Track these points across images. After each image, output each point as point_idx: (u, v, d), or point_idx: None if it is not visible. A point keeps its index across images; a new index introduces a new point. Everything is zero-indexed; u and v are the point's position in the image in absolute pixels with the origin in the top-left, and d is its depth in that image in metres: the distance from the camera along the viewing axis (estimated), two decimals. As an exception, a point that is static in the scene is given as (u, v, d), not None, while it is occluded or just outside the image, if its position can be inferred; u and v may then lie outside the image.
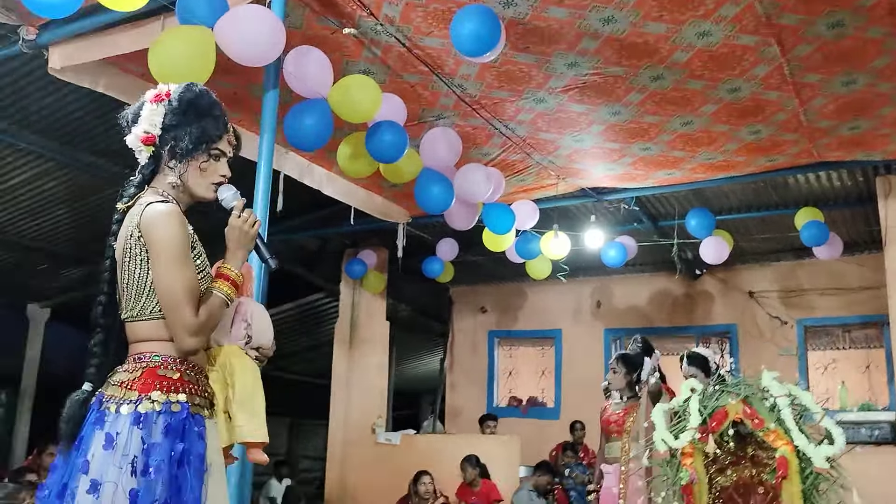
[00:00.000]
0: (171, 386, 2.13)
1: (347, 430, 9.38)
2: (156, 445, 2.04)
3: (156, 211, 2.18)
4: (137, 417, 2.06)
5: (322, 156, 6.04)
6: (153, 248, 2.15)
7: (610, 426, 5.18)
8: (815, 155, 6.13)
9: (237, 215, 2.30)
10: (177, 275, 2.14)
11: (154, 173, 2.31)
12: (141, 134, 2.26)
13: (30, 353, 10.02)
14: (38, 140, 6.24)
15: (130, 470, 2.00)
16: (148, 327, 2.18)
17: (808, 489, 3.61)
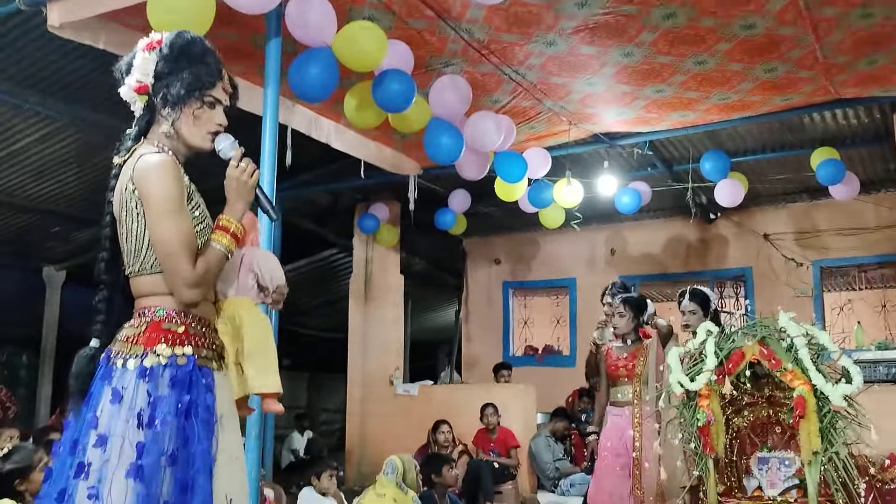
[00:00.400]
0: (177, 339, 2.12)
1: (365, 382, 9.46)
2: (162, 398, 2.04)
3: (147, 162, 2.14)
4: (143, 371, 2.05)
5: (329, 108, 5.97)
6: (146, 200, 2.12)
7: (618, 370, 5.12)
8: (831, 92, 6.00)
9: (235, 165, 2.25)
10: (171, 226, 2.10)
11: (149, 124, 2.27)
12: (134, 83, 2.22)
13: (48, 315, 10.14)
14: (42, 100, 6.20)
15: (136, 423, 2.00)
16: (150, 282, 2.17)
17: (825, 428, 3.59)
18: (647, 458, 4.77)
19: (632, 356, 5.10)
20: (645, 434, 4.86)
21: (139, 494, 1.94)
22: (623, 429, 5.00)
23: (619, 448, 4.98)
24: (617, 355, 5.16)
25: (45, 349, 10.14)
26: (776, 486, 3.84)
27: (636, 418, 4.95)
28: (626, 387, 5.09)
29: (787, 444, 3.92)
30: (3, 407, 8.40)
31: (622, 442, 4.97)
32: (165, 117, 2.25)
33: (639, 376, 5.03)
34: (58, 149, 7.03)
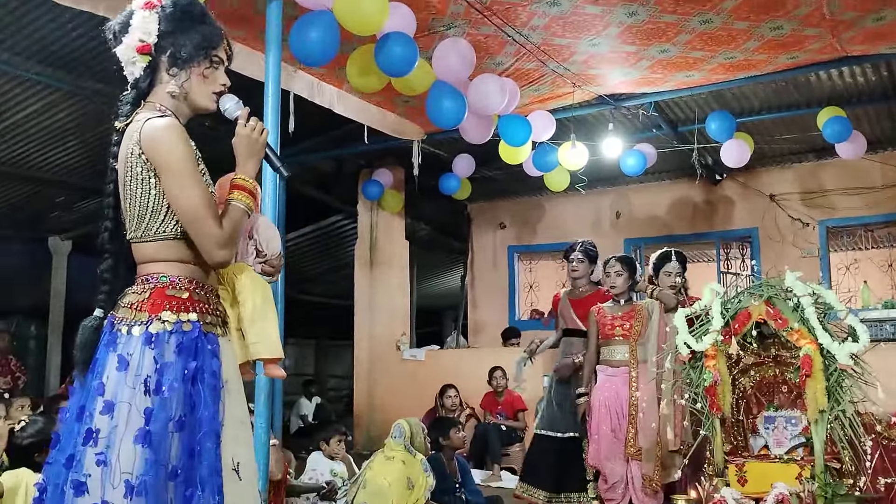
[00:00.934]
0: (181, 305, 2.11)
1: (373, 348, 9.51)
2: (168, 364, 2.04)
3: (156, 127, 2.10)
4: (149, 338, 2.05)
5: (331, 73, 5.93)
6: (162, 165, 2.09)
7: (614, 330, 5.06)
8: (838, 49, 5.93)
9: (244, 124, 2.24)
10: (194, 189, 2.09)
11: (151, 86, 2.22)
12: (136, 43, 2.16)
13: (55, 285, 10.21)
14: (43, 70, 6.18)
15: (143, 389, 2.00)
16: (154, 248, 2.15)
17: (831, 386, 3.61)
18: (649, 419, 4.74)
19: (628, 316, 5.06)
20: (644, 395, 4.83)
21: (147, 460, 1.94)
22: (619, 389, 4.96)
23: (615, 408, 4.94)
24: (612, 315, 5.11)
25: (53, 319, 10.21)
26: (782, 444, 3.88)
27: (634, 379, 4.91)
28: (620, 346, 5.03)
29: (793, 403, 3.95)
30: (14, 377, 8.50)
31: (618, 402, 4.93)
32: (173, 77, 2.21)
33: (636, 337, 4.99)
34: (61, 118, 7.01)
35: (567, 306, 5.69)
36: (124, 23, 2.20)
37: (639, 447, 4.78)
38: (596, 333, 5.14)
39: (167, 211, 2.13)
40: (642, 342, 4.97)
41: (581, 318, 5.51)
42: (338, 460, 5.65)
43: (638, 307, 5.10)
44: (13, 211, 9.06)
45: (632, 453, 4.81)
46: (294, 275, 11.07)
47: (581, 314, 5.51)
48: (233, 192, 2.20)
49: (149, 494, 1.92)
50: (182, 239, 2.16)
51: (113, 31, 2.23)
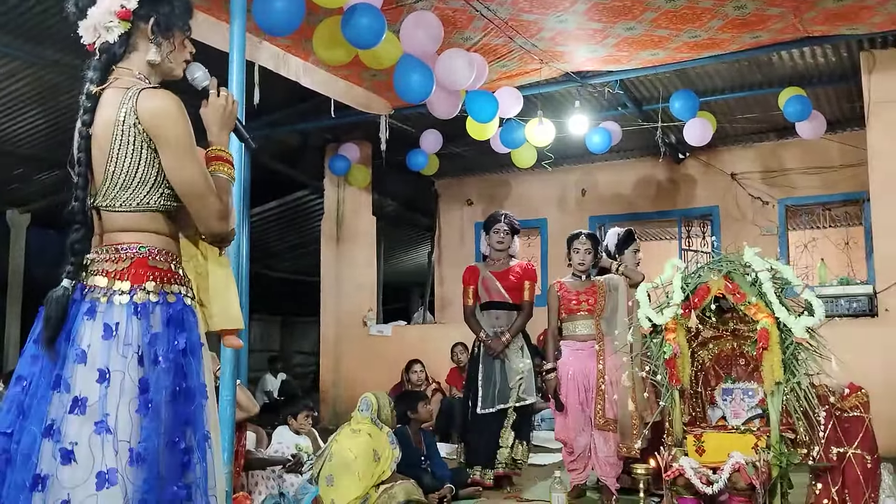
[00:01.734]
0: (164, 277, 2.12)
1: (339, 324, 9.52)
2: (158, 335, 2.05)
3: (162, 100, 2.09)
4: (135, 307, 2.05)
5: (298, 44, 5.87)
6: (166, 139, 2.08)
7: (579, 305, 5.11)
8: (800, 30, 6.02)
9: (216, 94, 2.24)
10: (196, 165, 2.12)
11: (124, 53, 2.18)
12: (116, 7, 2.11)
13: (13, 258, 10.05)
14: (1, 38, 6.03)
15: (137, 359, 2.01)
16: (132, 218, 2.13)
17: (787, 359, 3.70)
18: (615, 390, 4.85)
19: (591, 291, 5.12)
20: (610, 367, 4.93)
21: (144, 428, 1.96)
22: (585, 363, 5.03)
23: (581, 382, 5.02)
24: (576, 290, 5.15)
25: (11, 292, 10.06)
26: (740, 416, 3.97)
27: (600, 352, 5.00)
28: (585, 321, 5.10)
29: (750, 375, 4.04)
30: (-27, 351, 8.37)
31: (584, 376, 5.01)
32: (156, 45, 2.19)
33: (599, 312, 5.06)
34: (19, 87, 6.86)
35: (491, 279, 5.60)
36: None
37: (607, 419, 4.88)
38: (557, 308, 5.18)
39: (154, 182, 2.12)
40: (605, 317, 5.05)
41: (508, 289, 5.53)
42: (303, 434, 5.67)
43: (598, 282, 5.17)
44: (-30, 183, 8.89)
45: (600, 424, 4.90)
46: (259, 250, 11.02)
47: (507, 286, 5.53)
48: (214, 163, 2.20)
49: (150, 461, 1.95)
50: (162, 212, 2.16)
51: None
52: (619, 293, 5.08)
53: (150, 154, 2.10)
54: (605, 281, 5.16)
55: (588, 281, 5.19)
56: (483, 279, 5.65)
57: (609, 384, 4.92)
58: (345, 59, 5.14)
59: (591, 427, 4.96)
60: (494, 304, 5.57)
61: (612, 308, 5.04)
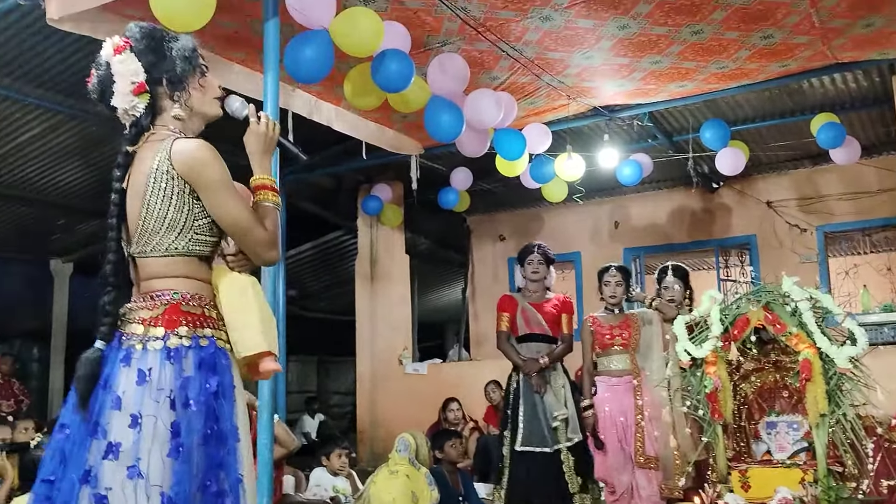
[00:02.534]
0: (196, 321, 2.15)
1: (375, 363, 9.53)
2: (190, 379, 2.07)
3: (195, 146, 2.16)
4: (168, 353, 2.08)
5: (329, 91, 5.99)
6: (204, 183, 2.14)
7: (613, 339, 5.06)
8: (829, 57, 5.99)
9: (256, 121, 2.30)
10: (237, 202, 2.18)
11: (153, 119, 2.24)
12: (129, 87, 2.18)
13: (57, 307, 10.23)
14: (43, 94, 6.24)
15: (169, 403, 2.03)
16: (164, 264, 2.18)
17: (832, 390, 3.64)
18: (654, 427, 4.78)
19: (624, 325, 5.08)
20: (648, 403, 4.87)
21: (176, 472, 1.98)
22: (622, 399, 4.97)
23: (619, 418, 4.96)
24: (609, 325, 5.11)
25: (55, 341, 10.23)
26: (785, 449, 3.90)
27: (637, 387, 4.95)
28: (620, 356, 5.05)
29: (794, 407, 3.97)
30: (17, 400, 8.52)
31: (622, 412, 4.94)
32: (175, 100, 2.25)
33: (635, 346, 5.02)
34: (61, 141, 7.07)
35: (531, 310, 5.33)
36: (105, 76, 2.21)
37: (648, 456, 4.81)
38: (591, 343, 5.13)
39: (183, 228, 2.16)
40: (641, 351, 5.02)
41: (548, 322, 5.26)
42: (341, 476, 5.66)
43: (632, 316, 5.13)
44: (15, 234, 9.10)
45: (641, 463, 4.82)
46: (295, 291, 11.11)
47: (546, 319, 5.26)
48: (260, 192, 2.26)
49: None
50: (193, 256, 2.20)
51: (97, 89, 2.24)
52: (653, 327, 5.04)
53: (180, 200, 2.15)
54: (640, 315, 5.12)
55: (622, 315, 5.15)
56: (522, 310, 5.41)
57: (648, 420, 4.85)
58: (375, 103, 5.22)
59: (632, 465, 4.87)
60: (534, 336, 5.26)
61: (648, 342, 5.01)
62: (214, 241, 2.24)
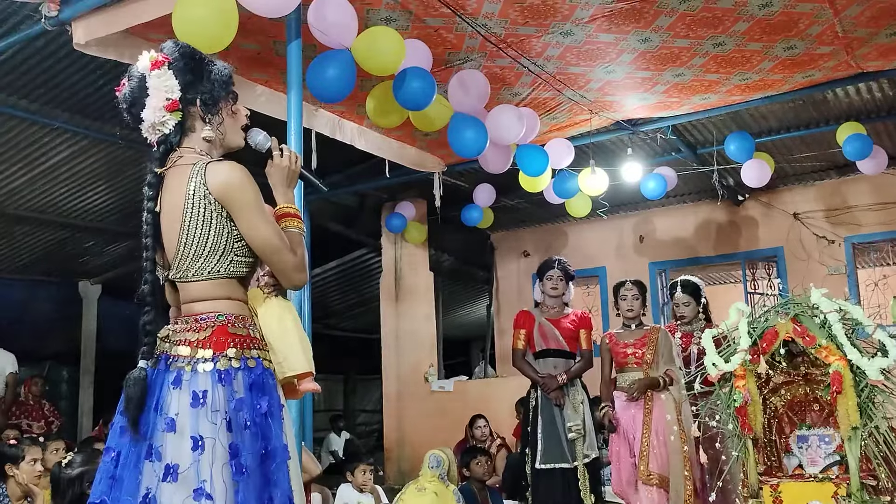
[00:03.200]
0: (243, 343, 2.18)
1: (401, 381, 9.52)
2: (242, 400, 2.10)
3: (230, 168, 2.19)
4: (219, 374, 2.10)
5: (352, 110, 6.03)
6: (239, 205, 2.17)
7: (627, 357, 5.05)
8: (853, 66, 5.94)
9: (280, 155, 2.33)
10: (269, 225, 2.21)
11: (181, 138, 2.27)
12: (162, 103, 2.20)
13: (86, 329, 10.34)
14: (70, 118, 6.34)
15: (226, 425, 2.06)
16: (206, 287, 2.21)
17: (863, 402, 3.57)
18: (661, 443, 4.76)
19: (640, 343, 5.05)
20: (658, 420, 4.85)
21: (240, 491, 2.01)
22: (635, 415, 4.94)
23: (632, 434, 4.94)
24: (624, 342, 5.09)
25: (84, 363, 10.34)
26: (817, 463, 3.83)
27: (648, 403, 4.91)
28: (634, 373, 5.02)
29: (825, 420, 3.90)
30: (48, 421, 8.58)
31: (636, 428, 4.92)
32: (208, 122, 2.28)
33: (648, 363, 4.98)
34: (88, 165, 7.17)
35: (549, 325, 5.37)
36: (140, 87, 2.23)
37: (651, 472, 4.78)
38: (610, 361, 5.13)
39: (224, 250, 2.19)
40: (655, 367, 4.98)
41: (565, 338, 5.30)
42: (366, 492, 5.66)
43: (650, 331, 5.09)
44: (44, 256, 9.24)
45: (644, 478, 4.78)
46: (320, 310, 11.14)
47: (564, 334, 5.30)
48: (284, 220, 2.29)
49: None
50: (234, 278, 2.23)
51: (128, 99, 2.25)
52: (674, 343, 5.02)
53: (219, 223, 2.17)
54: (659, 329, 5.10)
55: (639, 330, 5.11)
56: (539, 325, 5.43)
57: (656, 436, 4.82)
58: (397, 121, 5.25)
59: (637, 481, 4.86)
60: (552, 352, 5.31)
61: (668, 358, 4.96)
62: (252, 261, 2.27)
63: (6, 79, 5.68)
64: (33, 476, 4.64)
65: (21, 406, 8.52)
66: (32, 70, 5.62)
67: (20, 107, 6.07)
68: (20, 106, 6.06)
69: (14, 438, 5.68)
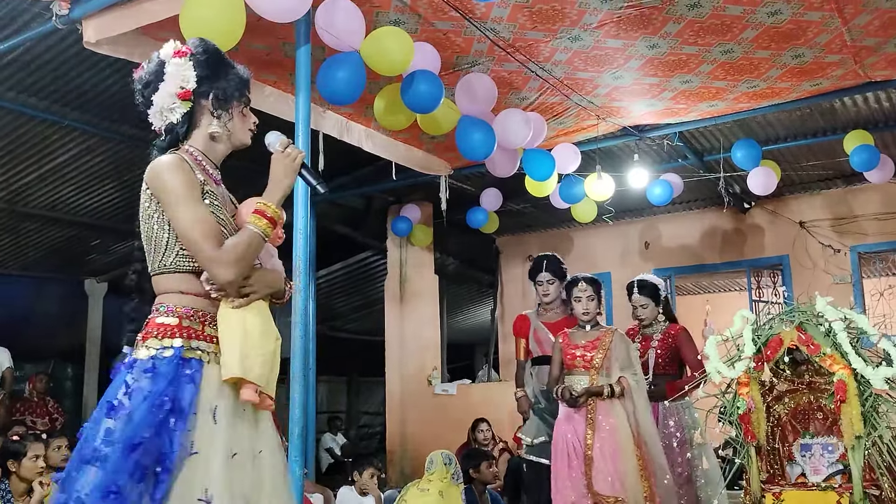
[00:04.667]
0: (167, 331, 2.17)
1: (404, 383, 9.53)
2: (137, 389, 2.09)
3: (158, 163, 2.22)
4: (131, 364, 2.15)
5: (360, 112, 6.05)
6: (163, 196, 2.18)
7: (574, 360, 4.59)
8: (861, 75, 5.94)
9: (280, 150, 2.33)
10: (189, 214, 2.16)
11: (188, 130, 2.31)
12: (175, 90, 2.24)
13: (91, 326, 10.37)
14: (79, 116, 6.37)
15: (108, 408, 2.07)
16: (165, 280, 2.24)
17: (867, 411, 3.58)
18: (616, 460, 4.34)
19: (591, 345, 4.61)
20: (602, 433, 4.41)
21: (100, 479, 1.98)
22: (577, 426, 4.48)
23: (573, 445, 4.47)
24: (575, 343, 4.66)
25: (89, 360, 10.37)
26: (820, 472, 3.83)
27: (591, 414, 4.47)
28: (581, 377, 4.57)
29: (829, 429, 3.90)
30: (52, 418, 8.61)
31: (576, 439, 4.46)
32: (217, 117, 2.32)
33: (597, 368, 4.54)
34: (97, 163, 7.20)
35: (544, 330, 5.18)
36: (157, 71, 2.27)
37: (600, 495, 4.31)
38: (560, 362, 4.70)
39: (166, 245, 2.21)
40: (605, 373, 4.55)
41: None
42: (368, 495, 5.65)
43: (604, 334, 4.67)
44: (51, 254, 9.27)
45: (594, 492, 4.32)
46: (325, 312, 11.16)
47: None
48: (253, 216, 2.24)
49: None
50: (183, 272, 2.23)
51: (144, 80, 2.30)
52: (632, 347, 4.70)
53: (160, 218, 2.21)
54: (616, 332, 4.72)
55: (594, 331, 4.68)
56: (535, 331, 5.25)
57: (600, 452, 4.38)
58: (404, 124, 5.26)
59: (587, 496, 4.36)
60: (548, 358, 4.99)
61: (625, 364, 4.57)
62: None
63: (16, 76, 5.71)
64: (35, 472, 4.65)
65: (25, 403, 8.56)
66: (42, 68, 5.65)
67: (30, 104, 6.10)
68: (30, 104, 6.09)
69: (18, 435, 5.71)
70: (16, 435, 5.79)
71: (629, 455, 4.28)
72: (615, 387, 4.47)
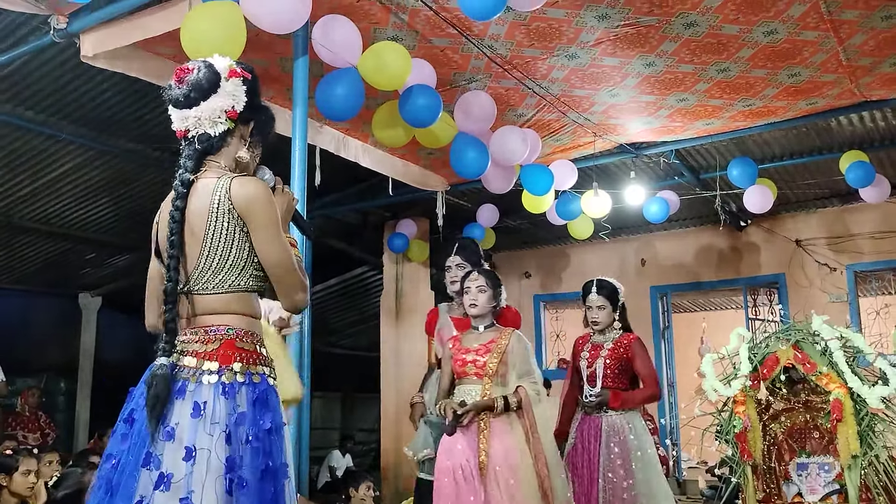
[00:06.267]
0: (250, 358, 2.19)
1: (399, 400, 9.46)
2: (245, 415, 2.10)
3: (255, 184, 2.24)
4: (223, 387, 2.11)
5: (357, 127, 6.05)
6: (259, 222, 2.20)
7: (465, 366, 3.84)
8: (857, 95, 5.97)
9: (281, 190, 2.38)
10: (284, 244, 2.25)
11: (220, 148, 2.32)
12: (227, 107, 2.26)
13: (84, 341, 10.32)
14: (76, 130, 6.36)
15: (225, 438, 2.05)
16: (222, 300, 2.22)
17: (863, 431, 3.57)
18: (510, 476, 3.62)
19: (485, 349, 3.84)
20: (500, 449, 3.68)
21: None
22: (468, 440, 3.70)
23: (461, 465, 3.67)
24: (467, 347, 3.89)
25: (82, 375, 10.31)
26: (816, 491, 3.82)
27: (483, 431, 3.70)
28: (473, 386, 3.80)
29: (825, 448, 3.89)
30: (43, 433, 8.55)
31: (465, 459, 3.67)
32: (252, 145, 2.37)
33: (490, 375, 3.77)
34: (93, 176, 7.18)
35: (449, 326, 4.33)
36: (213, 81, 2.25)
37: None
38: (450, 374, 3.93)
39: (244, 265, 2.22)
40: (501, 381, 3.79)
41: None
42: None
43: (499, 335, 3.90)
44: (45, 267, 9.23)
45: None
46: (320, 327, 11.12)
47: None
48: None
49: None
50: (250, 293, 2.26)
51: (198, 84, 2.25)
52: (530, 350, 3.96)
53: (241, 238, 2.21)
54: (512, 333, 3.94)
55: (487, 333, 3.92)
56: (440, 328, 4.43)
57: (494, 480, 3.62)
58: (403, 140, 5.25)
59: None
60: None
61: (523, 370, 3.82)
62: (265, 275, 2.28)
63: (13, 89, 5.71)
64: (26, 487, 4.61)
65: (17, 417, 8.49)
66: (39, 81, 5.64)
67: (26, 117, 6.09)
68: (26, 117, 6.08)
69: (10, 449, 5.66)
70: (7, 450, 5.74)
71: (528, 481, 3.61)
72: (511, 399, 3.72)
